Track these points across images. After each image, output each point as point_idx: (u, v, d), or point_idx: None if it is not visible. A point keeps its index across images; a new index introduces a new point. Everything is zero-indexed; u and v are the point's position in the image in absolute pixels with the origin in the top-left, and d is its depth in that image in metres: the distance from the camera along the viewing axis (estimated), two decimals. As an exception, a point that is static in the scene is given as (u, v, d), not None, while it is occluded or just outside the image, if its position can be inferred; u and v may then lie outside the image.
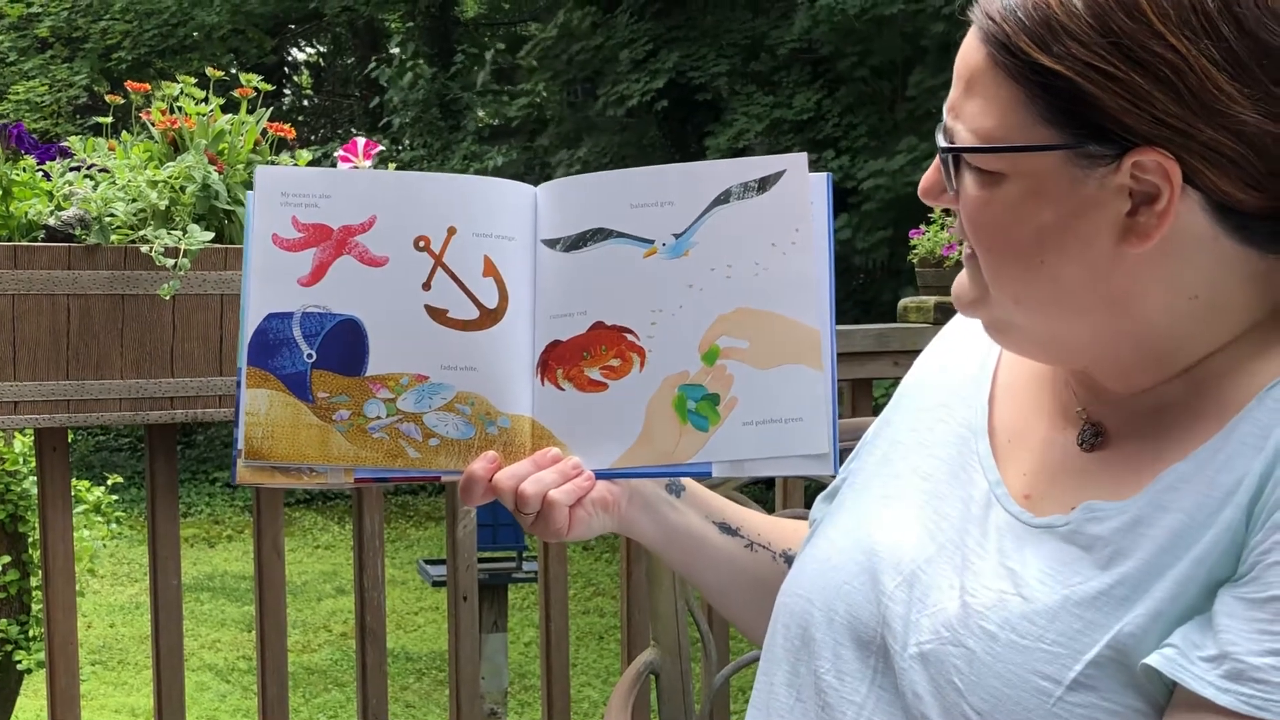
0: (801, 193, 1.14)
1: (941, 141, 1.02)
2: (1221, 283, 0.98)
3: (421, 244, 1.16)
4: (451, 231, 1.16)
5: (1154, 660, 0.91)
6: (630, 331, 1.16)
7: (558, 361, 1.17)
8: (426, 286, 1.16)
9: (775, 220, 1.15)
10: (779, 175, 1.15)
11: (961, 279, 1.07)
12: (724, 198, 1.15)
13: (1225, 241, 0.96)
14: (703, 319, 1.15)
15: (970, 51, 1.00)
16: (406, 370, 1.16)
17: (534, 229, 1.19)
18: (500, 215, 1.18)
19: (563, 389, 1.17)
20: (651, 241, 1.15)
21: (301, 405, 1.15)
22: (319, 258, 1.16)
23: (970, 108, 0.99)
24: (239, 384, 1.15)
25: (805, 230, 1.14)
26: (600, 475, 1.17)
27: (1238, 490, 0.92)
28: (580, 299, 1.17)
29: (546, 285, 1.18)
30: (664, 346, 1.16)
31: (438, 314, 1.16)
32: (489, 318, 1.17)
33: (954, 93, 1.02)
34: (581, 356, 1.16)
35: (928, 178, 1.06)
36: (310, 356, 1.15)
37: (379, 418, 1.15)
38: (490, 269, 1.17)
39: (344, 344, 1.15)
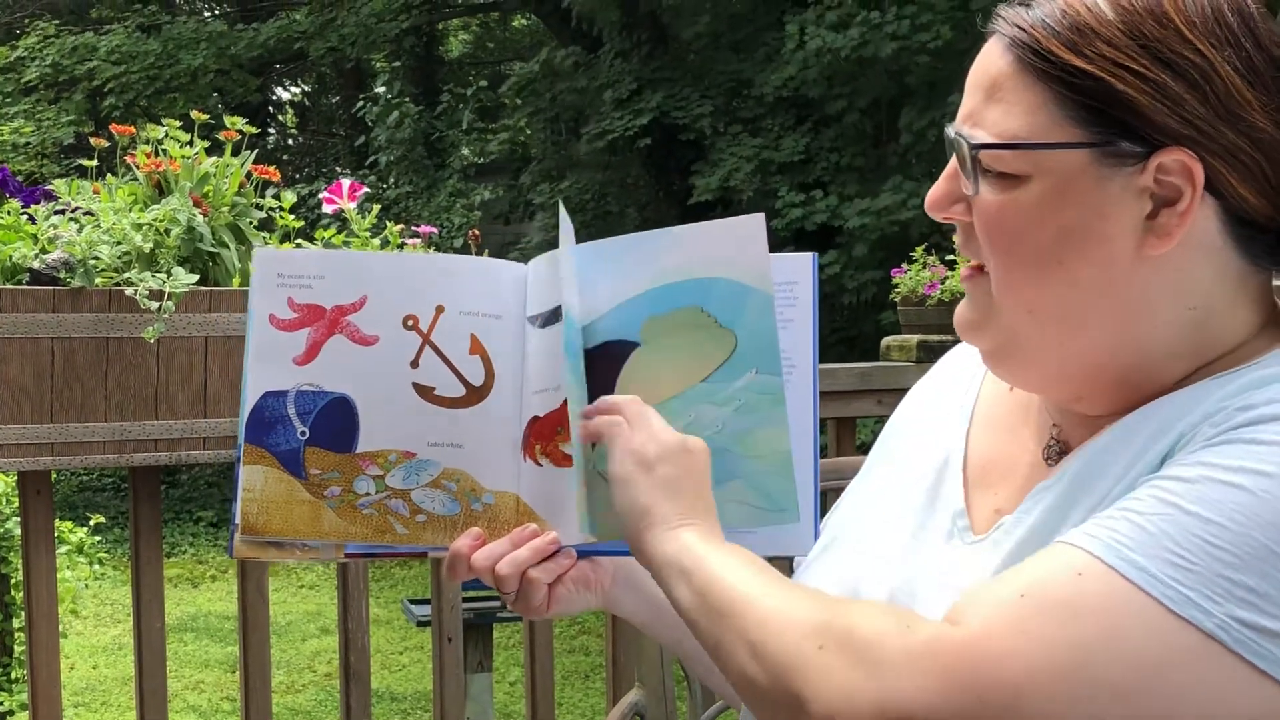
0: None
1: (963, 146, 1.02)
2: (1217, 297, 1.00)
3: (410, 323, 1.18)
4: (439, 310, 1.18)
5: None
6: None
7: (536, 437, 1.17)
8: (415, 364, 1.17)
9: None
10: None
11: (963, 305, 1.08)
12: None
13: (1229, 254, 0.99)
14: None
15: (991, 61, 1.02)
16: (395, 447, 1.17)
17: (524, 306, 1.19)
18: (487, 294, 1.19)
19: (540, 465, 1.17)
20: None
21: (295, 481, 1.16)
22: (312, 337, 1.17)
23: (993, 113, 1.01)
24: (237, 459, 1.17)
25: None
26: (581, 552, 1.18)
27: (1148, 451, 0.96)
28: (554, 375, 1.16)
29: (531, 361, 1.18)
30: None
31: (425, 391, 1.17)
32: (475, 395, 1.18)
33: (971, 103, 1.03)
34: (556, 432, 1.16)
35: (936, 189, 1.07)
36: (304, 434, 1.17)
37: (368, 494, 1.17)
38: (477, 347, 1.18)
39: (335, 421, 1.17)
